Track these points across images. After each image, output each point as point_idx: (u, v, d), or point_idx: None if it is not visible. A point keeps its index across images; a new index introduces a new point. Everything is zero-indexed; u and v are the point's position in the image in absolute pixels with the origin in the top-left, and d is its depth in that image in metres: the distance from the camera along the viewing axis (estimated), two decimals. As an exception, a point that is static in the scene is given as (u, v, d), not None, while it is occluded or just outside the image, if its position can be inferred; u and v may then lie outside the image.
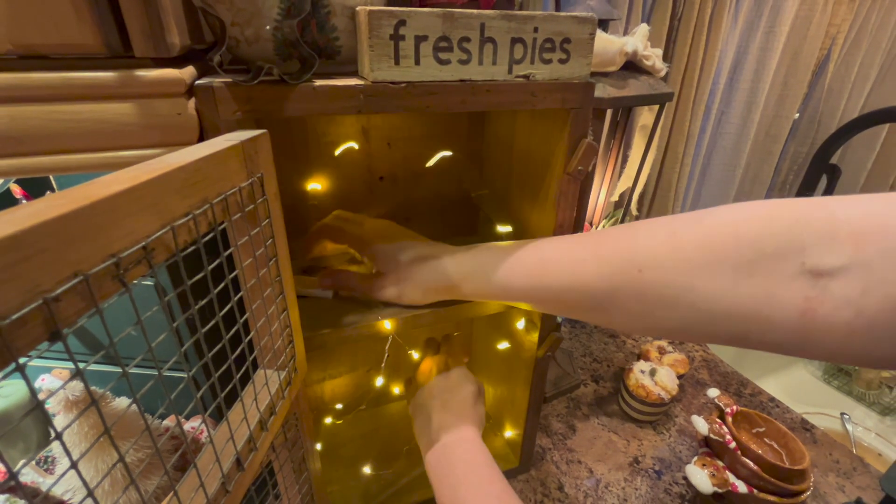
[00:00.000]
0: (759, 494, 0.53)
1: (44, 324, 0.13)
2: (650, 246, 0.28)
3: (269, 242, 0.28)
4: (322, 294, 0.43)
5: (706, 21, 0.90)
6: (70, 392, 0.35)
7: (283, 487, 0.36)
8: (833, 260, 0.22)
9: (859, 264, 0.21)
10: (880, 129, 1.26)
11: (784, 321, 0.24)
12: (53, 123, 0.24)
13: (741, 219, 0.26)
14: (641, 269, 0.28)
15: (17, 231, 0.12)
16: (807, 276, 0.23)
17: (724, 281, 0.25)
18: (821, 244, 0.23)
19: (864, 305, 0.21)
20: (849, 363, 0.24)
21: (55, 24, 0.22)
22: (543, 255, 0.34)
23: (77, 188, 0.15)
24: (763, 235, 0.24)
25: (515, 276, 0.35)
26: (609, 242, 0.31)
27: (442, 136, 0.53)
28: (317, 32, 0.31)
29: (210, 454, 0.23)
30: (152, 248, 0.17)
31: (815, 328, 0.23)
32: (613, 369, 0.82)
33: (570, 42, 0.34)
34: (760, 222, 0.25)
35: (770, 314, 0.24)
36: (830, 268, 0.22)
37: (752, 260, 0.24)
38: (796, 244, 0.23)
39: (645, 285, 0.28)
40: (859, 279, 0.21)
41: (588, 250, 0.31)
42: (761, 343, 0.26)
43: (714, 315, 0.26)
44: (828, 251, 0.22)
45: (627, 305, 0.30)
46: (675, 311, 0.28)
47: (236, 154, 0.23)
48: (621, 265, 0.29)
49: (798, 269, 0.23)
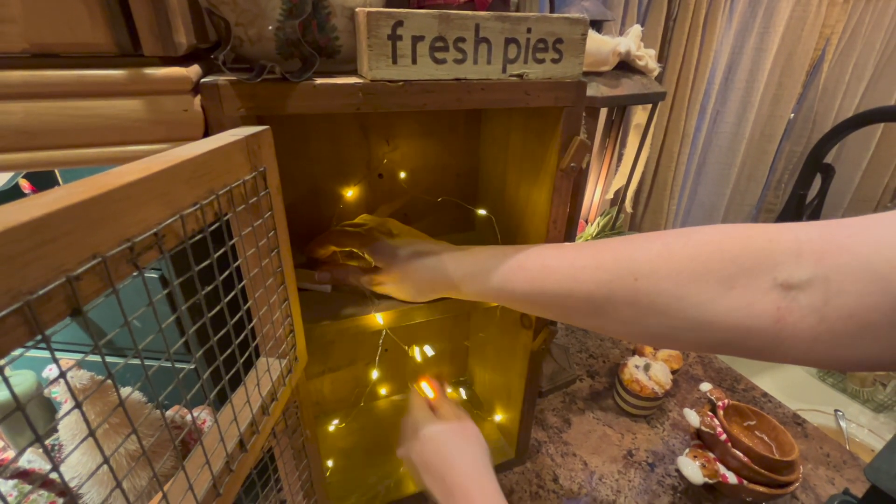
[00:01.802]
0: (749, 485, 0.54)
1: (66, 301, 0.14)
2: (646, 257, 0.31)
3: (272, 234, 0.29)
4: (321, 288, 0.44)
5: (701, 22, 0.91)
6: (77, 380, 0.36)
7: (283, 473, 0.38)
8: (800, 274, 0.25)
9: (820, 278, 0.25)
10: (874, 128, 1.28)
11: (760, 329, 0.27)
12: (66, 119, 0.25)
13: (725, 237, 0.29)
14: (637, 277, 0.30)
15: (46, 214, 0.13)
16: (779, 289, 0.26)
17: (710, 292, 0.28)
18: (789, 261, 0.26)
19: (826, 314, 0.24)
20: (816, 366, 0.28)
21: (69, 24, 0.24)
22: (546, 261, 0.35)
23: (94, 177, 0.16)
24: (743, 252, 0.28)
25: (517, 279, 0.36)
26: (608, 252, 0.33)
27: (438, 134, 0.54)
28: (317, 32, 0.32)
29: (215, 434, 0.24)
30: (163, 234, 0.18)
31: (786, 335, 0.26)
32: (609, 364, 0.83)
33: (562, 42, 0.35)
34: (740, 241, 0.28)
35: (748, 322, 0.27)
36: (798, 281, 0.25)
37: (733, 274, 0.27)
38: (770, 261, 0.27)
39: (639, 293, 0.30)
40: (821, 291, 0.25)
41: (588, 259, 0.33)
42: (740, 350, 0.29)
43: (700, 323, 0.29)
44: (795, 267, 0.26)
45: (621, 312, 0.32)
46: (665, 318, 0.30)
47: (241, 148, 0.24)
48: (619, 273, 0.31)
49: (772, 282, 0.26)
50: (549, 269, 0.35)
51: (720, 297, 0.28)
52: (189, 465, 0.23)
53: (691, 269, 0.29)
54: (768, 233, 0.28)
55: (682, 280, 0.29)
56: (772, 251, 0.27)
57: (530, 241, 0.47)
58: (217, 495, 0.24)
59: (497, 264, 0.37)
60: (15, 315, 0.13)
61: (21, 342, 0.13)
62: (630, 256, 0.31)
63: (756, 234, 0.28)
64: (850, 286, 0.23)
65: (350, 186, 0.52)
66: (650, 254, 0.31)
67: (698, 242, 0.29)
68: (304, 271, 0.46)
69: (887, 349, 0.23)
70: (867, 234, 0.24)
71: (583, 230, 0.76)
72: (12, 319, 0.13)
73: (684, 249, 0.30)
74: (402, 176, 0.54)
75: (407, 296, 0.43)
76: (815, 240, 0.26)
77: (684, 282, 0.29)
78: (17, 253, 0.12)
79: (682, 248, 0.30)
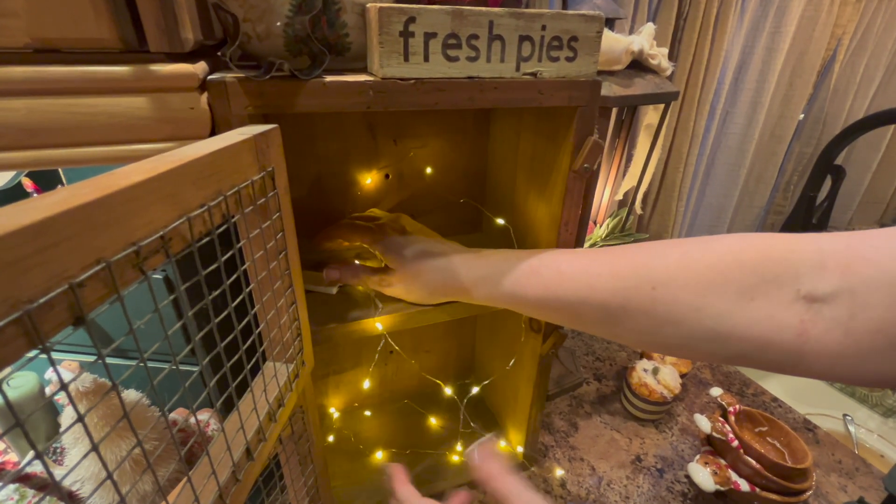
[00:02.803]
0: (762, 493, 0.53)
1: (68, 309, 0.13)
2: (663, 265, 0.30)
3: (280, 236, 0.28)
4: (326, 290, 0.43)
5: (712, 21, 0.90)
6: (80, 384, 0.36)
7: (289, 480, 0.37)
8: (824, 287, 0.25)
9: (846, 291, 0.24)
10: (885, 130, 1.26)
11: (782, 342, 0.26)
12: (69, 116, 0.24)
13: (745, 246, 0.28)
14: (655, 286, 0.30)
15: (47, 217, 0.12)
16: (802, 302, 0.25)
17: (730, 302, 0.27)
18: (812, 273, 0.25)
19: (852, 328, 0.24)
20: (840, 381, 0.27)
21: (73, 18, 0.23)
22: (560, 267, 0.34)
23: (99, 178, 0.15)
24: (764, 262, 0.27)
25: (530, 285, 0.35)
26: (625, 259, 0.32)
27: (448, 133, 0.53)
28: (327, 29, 0.31)
29: (221, 443, 0.24)
30: (170, 237, 0.17)
31: (809, 349, 0.25)
32: (616, 368, 0.82)
33: (577, 40, 0.34)
34: (762, 251, 0.27)
35: (769, 335, 0.26)
36: (822, 294, 0.25)
37: (754, 284, 0.27)
38: (792, 272, 0.26)
39: (656, 302, 0.30)
40: (847, 304, 0.24)
41: (604, 266, 0.32)
42: (759, 363, 0.28)
43: (718, 334, 0.28)
44: (819, 279, 0.25)
45: (637, 321, 0.31)
46: (681, 329, 0.29)
47: (249, 148, 0.23)
48: (636, 282, 0.30)
49: (794, 294, 0.25)
50: (564, 276, 0.34)
51: (740, 308, 0.27)
52: (195, 475, 0.22)
53: (710, 279, 0.28)
54: (790, 243, 0.27)
55: (701, 290, 0.28)
56: (794, 262, 0.26)
57: (540, 244, 0.46)
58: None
59: (509, 268, 0.36)
60: (14, 325, 0.12)
61: (21, 353, 0.12)
62: (647, 265, 0.31)
63: (777, 244, 0.27)
64: (878, 300, 0.23)
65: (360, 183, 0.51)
66: (668, 262, 0.30)
67: (718, 251, 0.29)
68: (310, 273, 0.45)
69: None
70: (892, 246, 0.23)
71: (591, 232, 0.75)
72: (11, 329, 0.12)
73: (703, 258, 0.29)
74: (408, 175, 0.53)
75: (416, 298, 0.42)
76: (840, 252, 0.25)
77: (703, 292, 0.28)
78: (16, 259, 0.12)
79: (700, 256, 0.29)
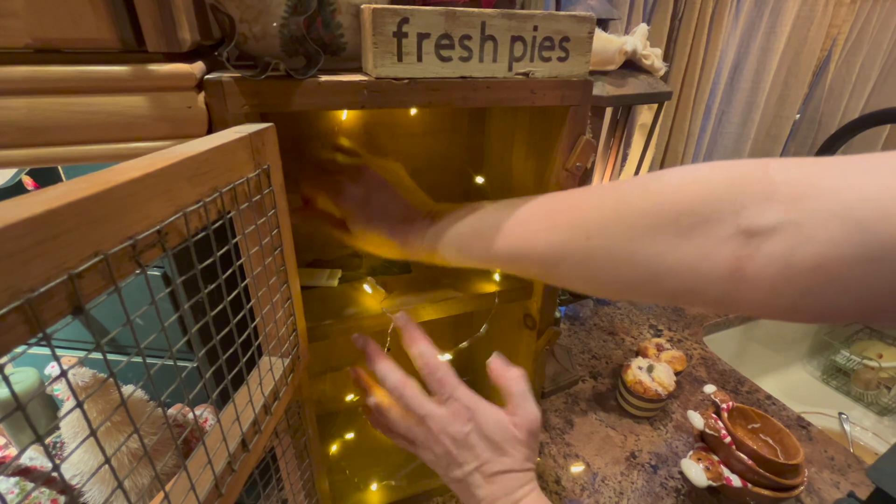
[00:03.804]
0: (753, 488, 0.53)
1: (67, 299, 0.14)
2: (598, 215, 0.30)
3: (275, 232, 0.28)
4: (326, 284, 0.44)
5: (707, 21, 0.90)
6: (79, 378, 0.36)
7: (285, 473, 0.37)
8: (766, 220, 0.23)
9: (791, 224, 0.22)
10: (881, 129, 1.27)
11: (716, 279, 0.25)
12: (68, 115, 0.25)
13: (685, 183, 0.27)
14: (589, 236, 0.30)
15: (48, 210, 0.13)
16: (741, 237, 0.24)
17: (664, 244, 0.26)
18: (756, 205, 0.24)
19: (790, 263, 0.22)
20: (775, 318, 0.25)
21: (73, 19, 0.23)
22: (501, 225, 0.34)
23: (97, 174, 0.16)
24: (703, 200, 0.25)
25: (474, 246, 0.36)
26: (563, 212, 0.32)
27: (443, 132, 0.53)
28: (322, 29, 0.32)
29: (217, 434, 0.24)
30: (166, 232, 0.18)
31: (744, 287, 0.24)
32: (612, 366, 0.83)
33: (569, 40, 0.35)
34: (702, 186, 0.26)
35: (704, 273, 0.25)
36: (763, 227, 0.23)
37: (691, 224, 0.25)
38: (734, 206, 0.24)
39: (591, 251, 0.30)
40: (788, 238, 0.22)
41: (543, 220, 0.33)
42: (699, 301, 0.27)
43: (654, 276, 0.27)
44: (762, 212, 0.23)
45: (574, 269, 0.31)
46: (619, 274, 0.29)
47: (244, 146, 0.24)
48: (571, 234, 0.31)
49: (733, 230, 0.24)
50: (504, 234, 0.34)
51: (674, 249, 0.26)
52: (191, 464, 0.23)
53: (644, 224, 0.27)
54: (736, 173, 0.25)
55: (635, 235, 0.27)
56: (737, 195, 0.24)
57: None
58: (219, 495, 0.23)
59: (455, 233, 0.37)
60: (15, 313, 0.12)
61: (22, 340, 0.13)
62: (582, 215, 0.30)
63: (722, 177, 0.26)
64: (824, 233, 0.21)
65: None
66: (603, 211, 0.30)
67: (655, 192, 0.28)
68: (306, 269, 0.45)
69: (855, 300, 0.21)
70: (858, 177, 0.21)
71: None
72: (13, 317, 0.12)
73: (638, 202, 0.28)
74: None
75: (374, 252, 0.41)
76: (793, 181, 0.23)
77: (636, 237, 0.27)
78: (18, 250, 0.12)
79: (636, 201, 0.28)
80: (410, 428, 0.36)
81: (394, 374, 0.36)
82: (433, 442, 0.35)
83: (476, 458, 0.34)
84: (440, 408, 0.35)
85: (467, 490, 0.34)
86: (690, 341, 0.92)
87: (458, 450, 0.34)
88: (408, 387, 0.36)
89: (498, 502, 0.33)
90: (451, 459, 0.34)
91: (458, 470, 0.34)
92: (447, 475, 0.35)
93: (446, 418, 0.35)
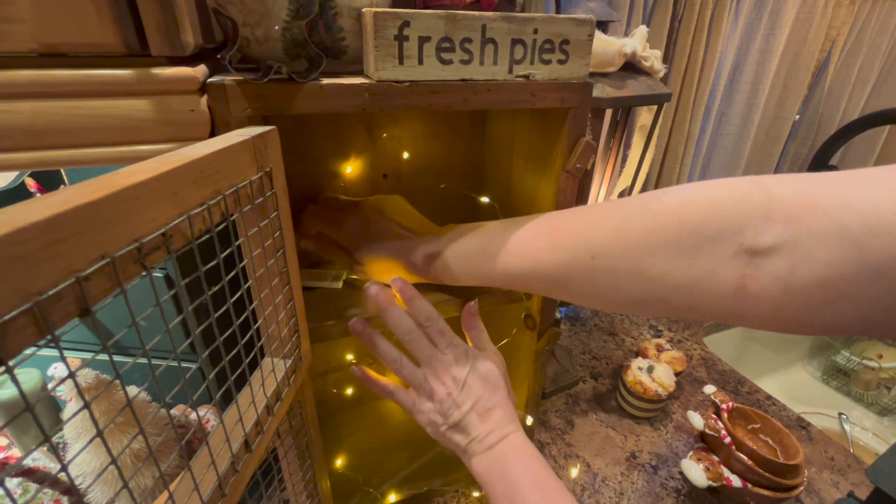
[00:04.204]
0: (753, 489, 0.54)
1: (75, 301, 0.14)
2: (601, 234, 0.30)
3: (277, 234, 0.29)
4: (330, 285, 0.44)
5: (706, 23, 0.91)
6: (83, 380, 0.36)
7: (287, 474, 0.38)
8: (766, 239, 0.24)
9: (788, 244, 0.23)
10: (880, 130, 1.27)
11: (722, 297, 0.26)
12: (73, 118, 0.25)
13: (685, 202, 0.27)
14: (594, 255, 0.30)
15: (56, 214, 0.13)
16: (743, 255, 0.25)
17: (669, 263, 0.27)
18: (756, 225, 0.24)
19: (791, 282, 0.23)
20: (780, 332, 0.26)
21: (77, 24, 0.24)
22: (507, 245, 0.35)
23: (104, 177, 0.16)
24: (705, 219, 0.26)
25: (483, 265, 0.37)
26: (566, 231, 0.33)
27: (444, 134, 0.54)
28: (324, 33, 0.32)
29: (220, 435, 0.24)
30: (170, 234, 0.18)
31: (748, 304, 0.25)
32: (612, 366, 0.83)
33: (568, 43, 0.35)
34: (703, 206, 0.27)
35: (711, 291, 0.26)
36: (763, 246, 0.24)
37: (695, 243, 0.26)
38: (735, 226, 0.25)
39: (596, 270, 0.30)
40: (787, 257, 0.23)
41: (547, 240, 0.33)
42: (706, 316, 0.28)
43: (660, 294, 0.28)
44: (762, 231, 0.24)
45: (581, 288, 0.32)
46: (624, 293, 0.30)
47: (247, 149, 0.24)
48: (576, 253, 0.31)
49: (736, 248, 0.25)
50: (511, 253, 0.35)
51: (680, 267, 0.27)
52: (195, 465, 0.23)
53: (648, 244, 0.28)
54: (737, 192, 0.26)
55: (639, 256, 0.28)
56: (738, 214, 0.25)
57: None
58: (222, 495, 0.24)
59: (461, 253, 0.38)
60: (25, 315, 0.13)
61: (31, 342, 0.13)
62: (586, 235, 0.31)
63: (722, 196, 0.26)
64: (821, 253, 0.22)
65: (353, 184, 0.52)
66: (606, 231, 0.30)
67: (656, 213, 0.28)
68: (310, 271, 0.46)
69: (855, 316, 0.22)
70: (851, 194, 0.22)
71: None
72: (22, 319, 0.13)
73: (640, 222, 0.28)
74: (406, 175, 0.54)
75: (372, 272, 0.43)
76: (789, 199, 0.24)
77: (641, 257, 0.28)
78: (27, 253, 0.12)
79: (638, 221, 0.29)
80: (414, 372, 0.38)
81: (406, 320, 0.38)
82: (438, 384, 0.37)
83: (473, 396, 0.37)
84: (444, 353, 0.38)
85: (463, 432, 0.36)
86: (690, 342, 0.92)
87: (458, 390, 0.37)
88: (418, 333, 0.38)
89: (490, 435, 0.36)
90: (452, 401, 0.36)
91: (456, 411, 0.36)
92: (446, 421, 0.37)
93: (450, 360, 0.37)
